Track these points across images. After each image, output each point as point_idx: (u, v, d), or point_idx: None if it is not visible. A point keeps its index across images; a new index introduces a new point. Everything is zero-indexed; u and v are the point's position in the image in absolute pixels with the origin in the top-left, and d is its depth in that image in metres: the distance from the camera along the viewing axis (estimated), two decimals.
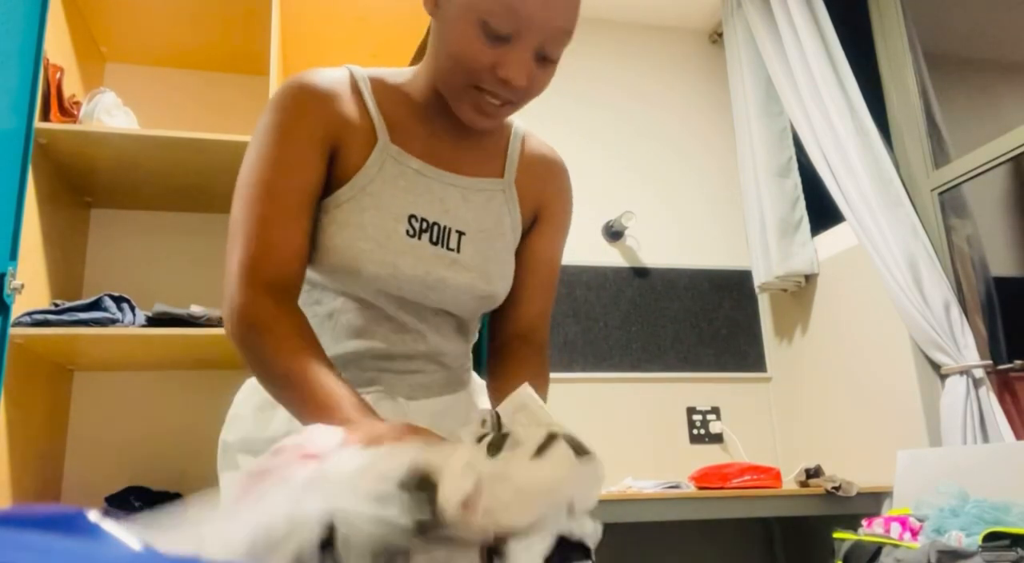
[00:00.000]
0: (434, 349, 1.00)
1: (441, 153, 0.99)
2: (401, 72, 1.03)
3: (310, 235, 0.92)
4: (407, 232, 0.94)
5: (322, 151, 0.92)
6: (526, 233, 1.07)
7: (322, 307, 0.97)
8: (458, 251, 0.97)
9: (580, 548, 0.66)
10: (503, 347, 1.05)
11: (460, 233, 0.98)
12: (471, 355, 1.10)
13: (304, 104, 0.93)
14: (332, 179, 0.94)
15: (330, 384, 0.79)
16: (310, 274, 0.96)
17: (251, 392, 1.01)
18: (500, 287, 1.01)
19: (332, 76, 0.96)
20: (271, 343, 0.83)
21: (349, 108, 0.95)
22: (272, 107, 0.94)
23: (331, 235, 0.92)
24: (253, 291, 0.86)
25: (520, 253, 1.07)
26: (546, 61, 0.91)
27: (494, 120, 0.94)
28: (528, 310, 1.06)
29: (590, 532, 0.66)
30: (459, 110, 0.93)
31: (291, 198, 0.89)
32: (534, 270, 1.07)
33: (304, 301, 0.98)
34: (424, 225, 0.95)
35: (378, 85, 0.99)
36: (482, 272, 0.99)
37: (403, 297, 0.96)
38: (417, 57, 1.09)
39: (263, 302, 0.85)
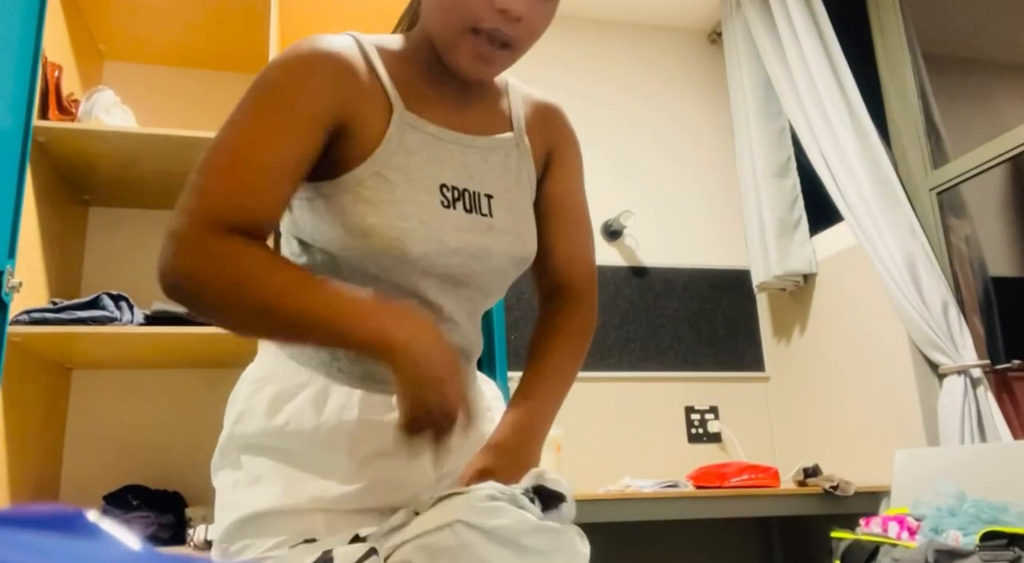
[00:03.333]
0: (466, 340, 0.97)
1: (453, 116, 0.96)
2: (396, 38, 0.99)
3: (284, 203, 0.84)
4: (441, 203, 0.89)
5: (322, 126, 0.85)
6: (540, 182, 1.05)
7: None
8: (491, 215, 0.94)
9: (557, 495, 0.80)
10: (547, 301, 1.06)
11: (489, 196, 0.94)
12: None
13: (312, 72, 0.86)
14: (346, 153, 0.87)
15: (351, 302, 0.77)
16: (339, 259, 0.89)
17: (256, 387, 0.94)
18: (532, 247, 0.99)
19: (341, 43, 0.90)
20: (262, 286, 0.76)
21: (362, 77, 0.89)
22: (272, 67, 0.86)
23: (362, 215, 0.85)
24: (208, 237, 0.77)
25: (540, 203, 1.04)
26: None
27: (493, 67, 0.91)
28: (562, 257, 1.05)
29: (564, 484, 0.81)
30: (457, 60, 0.89)
31: (283, 161, 0.82)
32: (558, 215, 1.05)
33: None
34: (456, 193, 0.91)
35: (383, 51, 0.94)
36: (516, 234, 0.96)
37: (448, 274, 0.91)
38: (400, 25, 1.04)
39: (225, 245, 0.77)
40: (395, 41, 0.98)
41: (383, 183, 0.87)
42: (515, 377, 1.05)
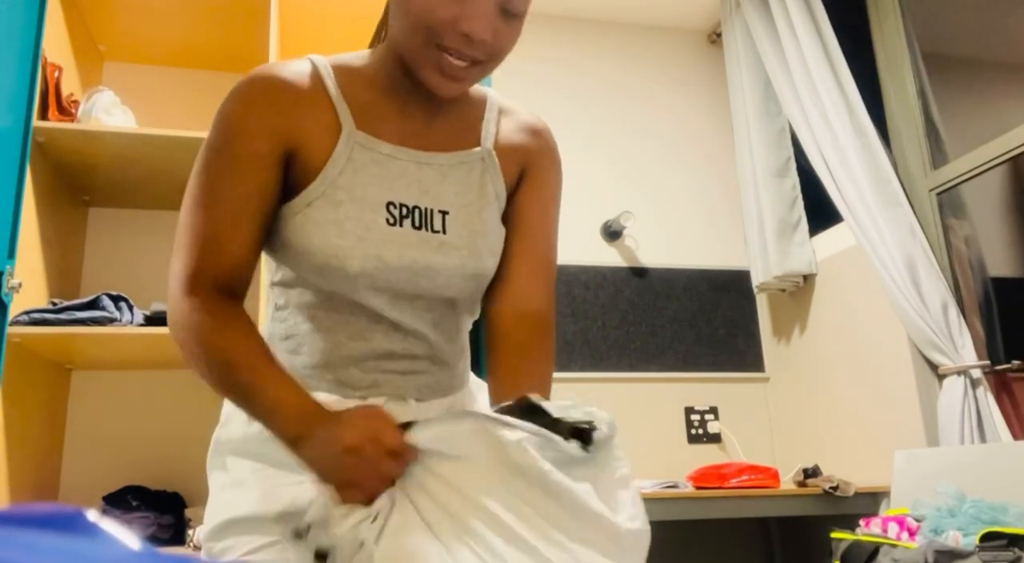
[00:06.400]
0: (435, 346, 0.98)
1: (414, 132, 0.96)
2: (363, 54, 1.00)
3: (260, 241, 0.92)
4: (387, 221, 0.91)
5: (275, 150, 0.90)
6: (512, 195, 1.02)
7: (317, 308, 0.94)
8: (444, 232, 0.94)
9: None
10: (502, 329, 0.98)
11: (443, 213, 0.94)
12: (468, 351, 1.08)
13: (255, 102, 0.90)
14: (299, 176, 0.91)
15: (277, 397, 0.83)
16: (299, 277, 0.94)
17: None
18: (489, 263, 0.97)
19: (289, 68, 0.94)
20: (217, 357, 0.85)
21: (308, 99, 0.92)
22: (223, 106, 0.92)
23: (309, 235, 0.89)
24: (193, 300, 0.87)
25: (507, 218, 1.02)
26: (510, 15, 0.88)
27: (460, 84, 0.91)
28: (520, 280, 0.99)
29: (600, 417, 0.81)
30: (423, 75, 0.89)
31: (237, 205, 0.88)
32: (523, 233, 1.01)
33: (297, 304, 0.96)
34: (404, 211, 0.92)
35: (341, 71, 0.96)
36: (471, 250, 0.95)
37: (395, 290, 0.92)
38: (375, 39, 1.04)
39: (205, 310, 0.86)
40: (360, 58, 0.99)
41: (328, 203, 0.90)
42: None
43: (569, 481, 0.74)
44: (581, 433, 0.79)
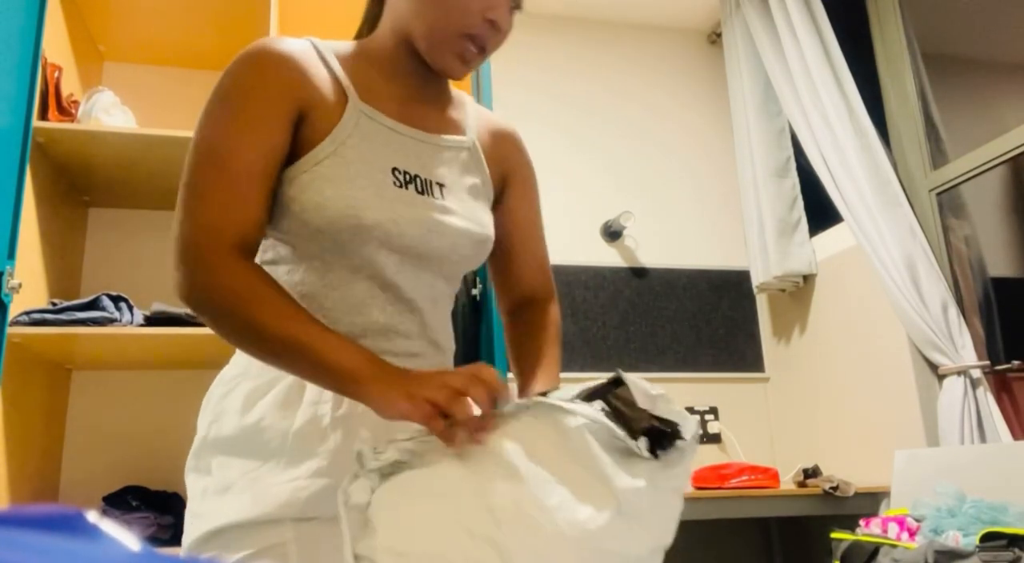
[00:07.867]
0: (430, 326, 0.99)
1: (409, 112, 1.01)
2: (351, 44, 1.05)
3: (270, 203, 0.91)
4: (394, 183, 0.94)
5: (285, 114, 0.91)
6: (498, 199, 1.11)
7: (310, 284, 0.93)
8: (444, 200, 0.98)
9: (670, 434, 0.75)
10: (513, 314, 1.13)
11: (441, 185, 0.99)
12: (454, 344, 1.08)
13: (266, 66, 0.92)
14: (305, 140, 0.92)
15: (337, 344, 0.81)
16: (297, 247, 0.93)
17: (230, 387, 0.95)
18: (490, 231, 1.04)
19: (293, 43, 0.97)
20: (264, 311, 0.82)
21: (314, 71, 0.95)
22: (230, 70, 0.93)
23: (319, 190, 0.89)
24: (221, 258, 0.84)
25: (504, 221, 1.11)
26: (514, 8, 0.99)
27: (470, 68, 0.99)
28: (523, 273, 1.13)
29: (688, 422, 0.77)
30: (443, 59, 0.97)
31: (254, 164, 0.88)
32: (517, 232, 1.12)
33: (288, 284, 0.93)
34: (407, 177, 0.96)
35: (337, 53, 1.01)
36: (471, 218, 1.00)
37: (407, 248, 0.94)
38: (362, 29, 1.11)
39: (237, 269, 0.84)
40: (351, 46, 1.04)
41: (339, 161, 0.92)
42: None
43: (627, 479, 0.72)
44: (660, 436, 0.74)
